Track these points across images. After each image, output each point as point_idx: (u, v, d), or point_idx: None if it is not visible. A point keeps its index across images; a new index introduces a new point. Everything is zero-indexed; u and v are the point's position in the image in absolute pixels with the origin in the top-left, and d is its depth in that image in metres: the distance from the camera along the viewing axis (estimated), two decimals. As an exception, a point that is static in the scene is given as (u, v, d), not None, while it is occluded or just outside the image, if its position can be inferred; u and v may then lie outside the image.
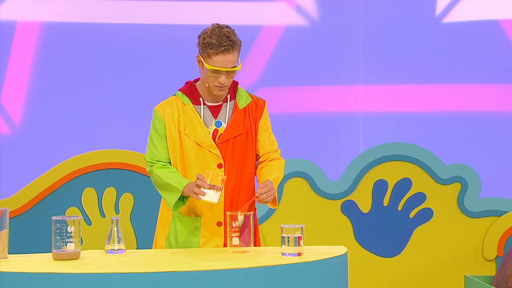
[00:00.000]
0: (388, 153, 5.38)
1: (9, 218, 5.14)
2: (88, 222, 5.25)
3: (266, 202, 3.50)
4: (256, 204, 3.82)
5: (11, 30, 5.78)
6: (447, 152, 5.75)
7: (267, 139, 3.70)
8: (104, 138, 5.71)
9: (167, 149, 3.64)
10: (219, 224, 3.60)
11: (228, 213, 3.40)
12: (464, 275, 5.17)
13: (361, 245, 5.39)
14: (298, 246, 3.20)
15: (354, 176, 5.36)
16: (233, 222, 3.35)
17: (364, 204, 5.39)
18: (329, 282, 3.13)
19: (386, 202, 5.40)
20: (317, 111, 5.95)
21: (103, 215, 5.24)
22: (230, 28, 3.57)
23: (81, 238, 5.20)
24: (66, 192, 5.23)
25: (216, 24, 3.57)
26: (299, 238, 3.21)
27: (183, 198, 3.54)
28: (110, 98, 5.80)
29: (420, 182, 5.39)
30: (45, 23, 5.81)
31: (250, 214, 3.37)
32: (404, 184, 5.40)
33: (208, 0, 5.90)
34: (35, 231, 5.20)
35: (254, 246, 3.66)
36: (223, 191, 3.48)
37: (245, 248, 3.35)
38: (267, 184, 3.48)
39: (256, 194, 3.46)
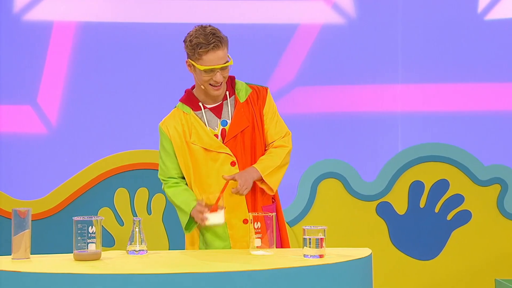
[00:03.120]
0: (425, 153, 5.32)
1: (43, 218, 5.23)
2: (121, 222, 5.25)
3: (242, 194, 3.48)
4: (282, 206, 3.78)
5: (48, 30, 5.82)
6: (487, 152, 5.65)
7: (273, 127, 3.65)
8: (138, 138, 5.72)
9: (177, 164, 3.63)
10: (245, 221, 3.57)
11: (250, 214, 3.36)
12: (495, 279, 5.07)
13: (396, 248, 5.32)
14: (320, 248, 3.14)
15: (390, 177, 5.30)
16: (255, 223, 3.30)
17: (400, 205, 5.32)
18: (352, 284, 3.07)
19: (422, 203, 5.32)
20: (354, 111, 5.89)
21: (135, 216, 5.24)
22: (212, 26, 3.54)
23: (114, 238, 5.25)
24: (98, 193, 5.24)
25: (198, 25, 3.55)
26: (321, 239, 3.15)
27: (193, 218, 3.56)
28: (144, 98, 5.81)
29: (458, 184, 5.31)
30: (82, 23, 5.84)
31: (272, 215, 3.32)
32: (441, 185, 5.32)
33: (243, -1, 5.88)
34: (69, 231, 5.20)
35: (282, 247, 3.62)
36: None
37: (267, 250, 3.30)
38: (241, 176, 3.46)
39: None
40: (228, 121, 3.61)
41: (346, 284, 3.05)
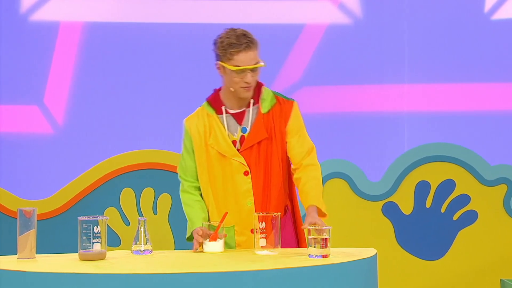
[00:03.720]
0: (431, 153, 5.31)
1: (49, 218, 5.25)
2: (127, 222, 5.26)
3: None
4: (300, 205, 3.76)
5: (55, 30, 5.83)
6: (493, 152, 5.63)
7: (297, 141, 3.60)
8: (143, 138, 5.73)
9: (195, 164, 3.63)
10: (252, 232, 3.56)
11: (255, 214, 3.35)
12: (500, 279, 5.06)
13: (402, 248, 5.31)
14: (325, 248, 3.14)
15: (396, 177, 5.29)
16: (260, 223, 3.30)
17: (406, 205, 5.32)
18: (356, 284, 3.06)
19: (428, 203, 5.32)
20: (360, 111, 5.88)
21: (141, 215, 5.24)
22: (243, 29, 3.54)
23: (120, 238, 5.26)
24: (104, 192, 5.25)
25: (229, 28, 3.56)
26: (326, 240, 3.14)
27: None
28: (150, 98, 5.81)
29: (464, 184, 5.30)
30: (88, 23, 5.84)
31: (277, 216, 3.32)
32: (448, 185, 5.31)
33: (250, -1, 5.88)
34: (74, 231, 5.21)
35: (300, 247, 3.62)
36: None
37: (272, 250, 3.30)
38: (311, 221, 3.35)
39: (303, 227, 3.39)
40: (247, 128, 3.59)
41: (350, 284, 3.05)
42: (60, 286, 2.89)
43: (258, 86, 3.62)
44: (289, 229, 3.65)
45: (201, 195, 3.66)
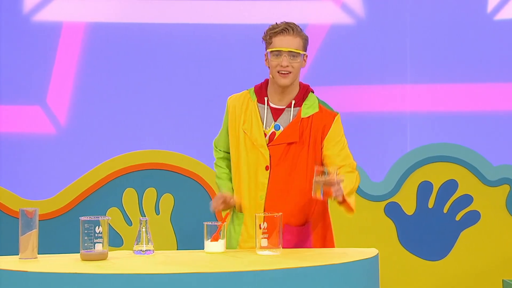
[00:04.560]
0: (433, 154, 5.31)
1: (52, 218, 5.25)
2: (129, 222, 5.26)
3: (331, 193, 3.38)
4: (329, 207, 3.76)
5: (57, 30, 5.83)
6: (495, 153, 5.62)
7: (337, 154, 3.59)
8: (146, 139, 5.73)
9: (227, 139, 3.72)
10: (260, 227, 3.57)
11: (256, 214, 3.36)
12: (502, 279, 5.05)
13: (405, 248, 5.31)
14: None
15: (398, 177, 5.29)
16: (261, 224, 3.30)
17: (409, 206, 5.31)
18: (358, 284, 3.06)
19: (431, 204, 5.31)
20: (362, 111, 5.87)
21: (143, 216, 5.24)
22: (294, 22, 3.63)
23: (122, 238, 5.26)
24: (107, 193, 5.26)
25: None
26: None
27: None
28: (153, 98, 5.81)
29: (467, 184, 5.29)
30: (91, 24, 5.84)
31: (279, 215, 3.31)
32: (450, 185, 5.31)
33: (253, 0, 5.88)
34: (77, 231, 5.21)
35: (327, 247, 3.64)
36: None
37: (274, 250, 3.30)
38: (338, 181, 3.35)
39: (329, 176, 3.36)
40: (281, 126, 3.60)
41: (352, 285, 3.05)
42: (61, 286, 2.89)
43: (305, 89, 3.65)
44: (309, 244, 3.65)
45: (229, 166, 3.76)
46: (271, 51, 3.54)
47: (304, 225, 3.63)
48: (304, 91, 3.63)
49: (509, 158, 5.63)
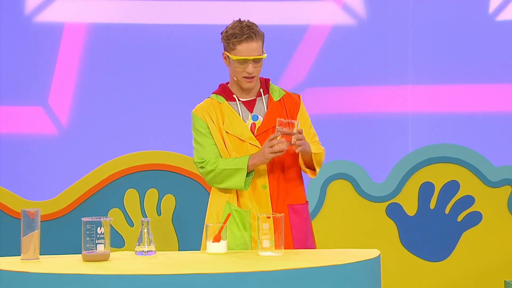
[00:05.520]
0: (435, 154, 5.30)
1: (53, 219, 5.25)
2: (130, 223, 5.26)
3: (292, 148, 3.50)
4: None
5: (59, 31, 5.84)
6: (497, 153, 5.62)
7: (308, 132, 3.71)
8: (147, 139, 5.73)
9: (215, 144, 3.66)
10: (268, 218, 3.58)
11: (258, 215, 3.36)
12: (504, 280, 5.05)
13: (406, 249, 5.31)
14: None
15: (400, 178, 5.28)
16: (264, 224, 3.30)
17: (410, 207, 5.31)
18: (360, 286, 3.06)
19: (432, 205, 5.31)
20: (364, 112, 5.88)
21: (145, 217, 5.24)
22: (250, 21, 3.65)
23: (124, 239, 5.26)
24: (108, 194, 5.26)
25: (237, 20, 3.67)
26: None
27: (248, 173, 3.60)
28: (155, 99, 5.82)
29: (469, 185, 5.29)
30: (92, 24, 5.85)
31: (281, 216, 3.32)
32: (452, 186, 5.30)
33: (254, 0, 5.87)
34: (78, 232, 5.21)
35: (311, 248, 3.67)
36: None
37: (275, 251, 3.30)
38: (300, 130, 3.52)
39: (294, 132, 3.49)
40: (259, 116, 3.66)
41: (354, 286, 3.05)
42: (63, 287, 2.89)
43: (266, 80, 3.75)
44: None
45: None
46: (237, 59, 3.57)
47: (306, 203, 3.74)
48: (265, 81, 3.74)
49: (511, 159, 5.63)
